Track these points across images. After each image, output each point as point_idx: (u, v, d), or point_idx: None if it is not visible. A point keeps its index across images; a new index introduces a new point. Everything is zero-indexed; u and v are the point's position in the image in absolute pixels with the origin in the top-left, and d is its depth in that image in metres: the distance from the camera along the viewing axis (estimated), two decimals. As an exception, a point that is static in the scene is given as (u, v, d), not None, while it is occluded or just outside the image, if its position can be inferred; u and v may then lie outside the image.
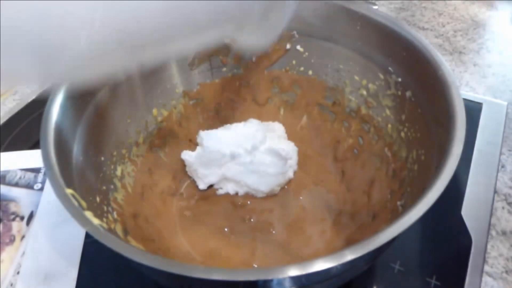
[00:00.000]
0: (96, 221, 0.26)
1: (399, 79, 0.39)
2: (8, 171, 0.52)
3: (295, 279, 0.25)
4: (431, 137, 0.34)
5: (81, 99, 0.36)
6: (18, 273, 0.43)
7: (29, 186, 0.50)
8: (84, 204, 0.28)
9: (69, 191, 0.28)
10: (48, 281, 0.42)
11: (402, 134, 0.40)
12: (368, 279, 0.40)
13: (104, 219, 0.35)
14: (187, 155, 0.45)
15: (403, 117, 0.39)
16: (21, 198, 0.49)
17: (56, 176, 0.28)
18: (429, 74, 0.35)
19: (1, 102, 0.60)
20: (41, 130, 0.31)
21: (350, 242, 0.37)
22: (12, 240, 0.46)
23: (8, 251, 0.45)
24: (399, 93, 0.40)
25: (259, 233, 0.42)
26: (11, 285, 0.42)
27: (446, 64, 0.34)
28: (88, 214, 0.27)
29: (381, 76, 0.41)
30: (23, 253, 0.44)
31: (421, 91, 0.37)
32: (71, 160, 0.33)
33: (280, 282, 0.25)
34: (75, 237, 0.44)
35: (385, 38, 0.39)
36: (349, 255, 0.24)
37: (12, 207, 0.49)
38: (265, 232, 0.42)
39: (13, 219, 0.47)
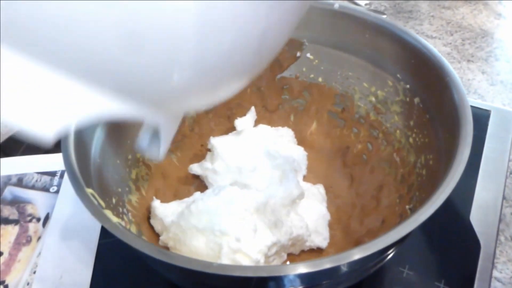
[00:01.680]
0: (115, 219, 0.28)
1: (408, 86, 0.40)
2: (25, 174, 0.54)
3: (305, 277, 0.25)
4: (439, 142, 0.35)
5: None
6: (34, 272, 0.44)
7: (45, 188, 0.52)
8: (102, 203, 0.29)
9: (89, 190, 0.29)
10: (63, 281, 0.43)
11: (411, 139, 0.40)
12: (376, 282, 0.41)
13: (121, 220, 0.36)
14: (194, 169, 0.46)
15: (412, 123, 0.40)
16: (38, 200, 0.51)
17: (77, 176, 0.29)
18: (437, 81, 0.36)
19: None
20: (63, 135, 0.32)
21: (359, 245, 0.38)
22: (28, 241, 0.47)
23: (24, 251, 0.46)
24: (408, 99, 0.40)
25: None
26: (28, 284, 0.43)
27: (454, 71, 0.34)
28: (107, 213, 0.28)
29: (390, 83, 0.42)
30: (39, 253, 0.45)
31: (429, 97, 0.37)
32: (89, 161, 0.34)
33: (291, 280, 0.26)
34: (90, 238, 0.46)
35: (394, 46, 0.40)
36: (357, 254, 0.24)
37: (29, 209, 0.50)
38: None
39: (30, 221, 0.49)
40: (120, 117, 0.21)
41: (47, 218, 0.49)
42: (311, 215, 0.42)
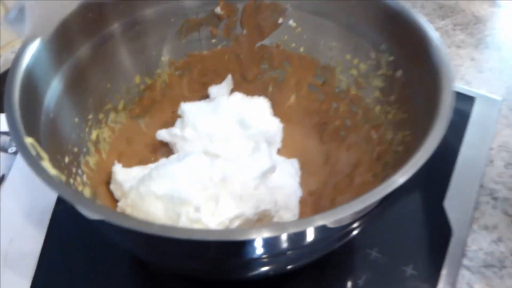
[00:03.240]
0: (53, 171, 0.25)
1: (391, 58, 0.38)
2: (-17, 133, 0.50)
3: (263, 244, 0.23)
4: (418, 118, 0.33)
5: (59, 51, 0.34)
6: (-17, 234, 0.41)
7: (3, 149, 0.49)
8: (44, 156, 0.27)
9: (28, 139, 0.26)
10: (13, 244, 0.40)
11: (390, 115, 0.38)
12: (342, 263, 0.39)
13: (71, 180, 0.33)
14: (162, 135, 0.43)
15: (392, 98, 0.38)
16: (-8, 161, 0.48)
17: (16, 121, 0.26)
18: (421, 52, 0.33)
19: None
20: (9, 72, 0.29)
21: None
22: (-19, 201, 0.44)
23: (-25, 211, 0.43)
24: (390, 72, 0.38)
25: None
26: (-24, 246, 0.40)
27: (440, 40, 0.32)
28: (45, 164, 0.25)
29: (373, 55, 0.40)
30: (-9, 215, 0.43)
31: (411, 70, 0.35)
32: (40, 113, 0.31)
33: (248, 246, 0.24)
34: (46, 203, 0.43)
35: (379, 13, 0.38)
36: (319, 221, 0.22)
37: (-17, 170, 0.47)
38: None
39: (-17, 181, 0.46)
40: None
41: (2, 179, 0.46)
42: (281, 190, 0.40)
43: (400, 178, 0.25)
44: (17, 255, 0.40)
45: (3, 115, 0.51)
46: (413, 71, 0.35)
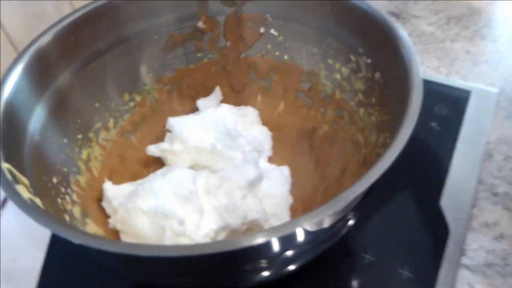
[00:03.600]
0: (27, 195, 0.26)
1: (369, 60, 0.38)
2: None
3: (251, 251, 0.24)
4: (395, 119, 0.33)
5: (40, 78, 0.35)
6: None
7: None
8: (23, 180, 0.28)
9: (5, 165, 0.27)
10: (16, 264, 0.42)
11: (373, 117, 0.38)
12: (335, 268, 0.39)
13: (59, 199, 0.34)
14: (152, 150, 0.44)
15: (373, 100, 0.38)
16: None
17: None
18: (394, 53, 0.33)
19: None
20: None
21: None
22: (-16, 223, 0.46)
23: (-21, 232, 0.45)
24: (370, 75, 0.38)
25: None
26: (-21, 265, 0.42)
27: (409, 40, 0.32)
28: (20, 188, 0.26)
29: (353, 59, 0.40)
30: (-6, 235, 0.44)
31: (388, 71, 0.35)
32: (24, 138, 0.32)
33: (236, 254, 0.24)
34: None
35: (352, 17, 0.38)
36: (304, 222, 0.23)
37: (-12, 192, 0.49)
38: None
39: (-13, 203, 0.48)
40: None
41: (5, 201, 0.48)
42: (271, 198, 0.40)
43: (362, 186, 0.25)
44: (19, 273, 0.41)
45: None
46: (389, 72, 0.35)
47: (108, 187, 0.39)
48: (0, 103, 0.31)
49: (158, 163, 0.46)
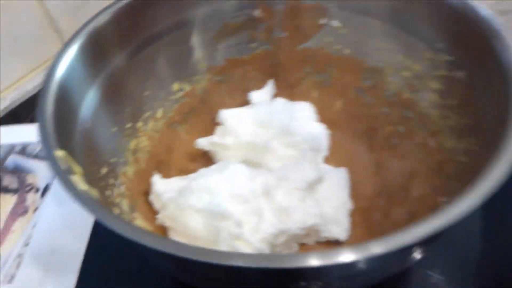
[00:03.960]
0: (83, 186, 0.23)
1: (451, 58, 0.34)
2: (29, 143, 0.51)
3: (310, 272, 0.21)
4: (485, 124, 0.29)
5: (95, 61, 0.33)
6: (27, 244, 0.41)
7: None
8: (77, 169, 0.25)
9: (60, 152, 0.25)
10: (55, 256, 0.40)
11: (451, 121, 0.34)
12: (398, 286, 0.35)
13: (108, 192, 0.32)
14: (202, 143, 0.41)
15: (453, 101, 0.34)
16: (39, 170, 0.48)
17: (48, 134, 0.25)
18: (487, 51, 0.29)
19: (30, 77, 0.60)
20: (42, 85, 0.28)
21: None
22: (25, 211, 0.44)
23: (20, 221, 0.43)
24: (450, 73, 0.34)
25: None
26: (19, 256, 0.40)
27: (507, 38, 0.28)
28: (76, 179, 0.24)
29: (428, 55, 0.36)
30: (35, 225, 0.43)
31: (477, 70, 0.31)
32: (75, 124, 0.30)
33: (288, 273, 0.21)
34: (87, 214, 0.42)
35: (434, 9, 0.34)
36: (375, 248, 0.19)
37: (29, 179, 0.47)
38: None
39: (29, 191, 0.46)
40: None
41: (46, 189, 0.46)
42: (330, 202, 0.37)
43: (472, 200, 0.21)
44: (59, 266, 0.39)
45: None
46: (478, 72, 0.31)
47: (156, 180, 0.37)
48: (53, 81, 0.29)
49: (205, 157, 0.44)
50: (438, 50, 0.35)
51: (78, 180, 0.24)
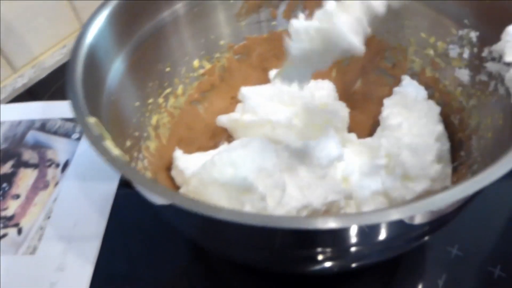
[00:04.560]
0: (116, 151, 0.24)
1: (477, 33, 0.34)
2: (48, 120, 0.51)
3: (333, 235, 0.21)
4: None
5: (122, 30, 0.33)
6: (48, 218, 0.42)
7: (67, 135, 0.49)
8: (107, 135, 0.26)
9: (91, 119, 0.25)
10: (77, 228, 0.41)
11: (474, 98, 0.34)
12: (417, 262, 0.36)
13: (133, 164, 0.32)
14: (223, 121, 0.42)
15: (478, 78, 0.34)
16: (59, 146, 0.49)
17: (78, 99, 0.26)
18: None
19: (47, 55, 0.60)
20: (72, 50, 0.29)
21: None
22: (46, 185, 0.45)
23: (41, 195, 0.44)
24: (475, 50, 0.34)
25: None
26: (41, 229, 0.41)
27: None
28: (108, 144, 0.24)
29: (454, 31, 0.36)
30: (55, 199, 0.43)
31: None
32: (102, 94, 0.30)
33: (312, 237, 0.21)
34: (107, 187, 0.43)
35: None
36: (395, 214, 0.19)
37: (49, 154, 0.48)
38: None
39: (49, 166, 0.47)
40: None
41: (66, 164, 0.47)
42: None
43: (493, 173, 0.21)
44: (80, 238, 0.40)
45: (65, 103, 0.53)
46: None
47: (179, 155, 0.37)
48: (83, 47, 0.29)
49: (225, 135, 0.44)
50: (464, 25, 0.35)
51: (111, 145, 0.24)
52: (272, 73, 0.45)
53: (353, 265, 0.31)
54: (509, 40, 0.29)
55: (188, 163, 0.36)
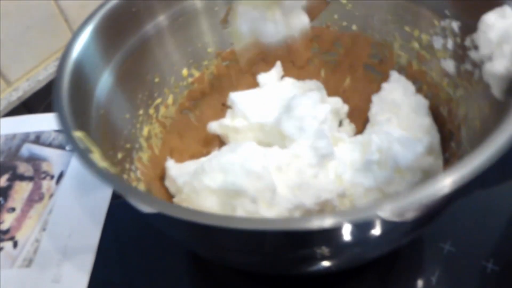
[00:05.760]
0: (102, 164, 0.24)
1: (458, 23, 0.34)
2: (42, 132, 0.52)
3: (323, 235, 0.21)
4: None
5: (108, 44, 0.34)
6: (44, 230, 0.42)
7: (61, 147, 0.50)
8: (94, 149, 0.26)
9: (77, 133, 0.25)
10: (72, 239, 0.41)
11: (461, 88, 0.34)
12: (411, 259, 0.36)
13: (125, 176, 0.32)
14: (213, 127, 0.42)
15: (463, 68, 0.34)
16: (53, 158, 0.49)
17: (64, 114, 0.26)
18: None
19: (41, 68, 0.61)
20: (59, 65, 0.29)
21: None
22: (41, 198, 0.45)
23: (36, 208, 0.44)
24: (458, 40, 0.34)
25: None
26: (37, 241, 0.41)
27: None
28: (95, 157, 0.24)
29: (436, 23, 0.36)
30: (51, 211, 0.44)
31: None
32: (91, 108, 0.31)
33: (307, 237, 0.21)
34: (101, 198, 0.43)
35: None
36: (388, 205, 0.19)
37: (44, 166, 0.49)
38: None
39: (44, 178, 0.47)
40: None
41: (60, 176, 0.47)
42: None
43: (473, 162, 0.21)
44: (76, 249, 0.40)
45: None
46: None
47: (171, 165, 0.38)
48: (69, 61, 0.29)
49: (217, 142, 0.44)
50: (446, 16, 0.35)
51: (98, 158, 0.25)
52: (261, 77, 0.45)
53: (350, 262, 0.31)
54: (484, 31, 0.29)
55: (180, 172, 0.37)
